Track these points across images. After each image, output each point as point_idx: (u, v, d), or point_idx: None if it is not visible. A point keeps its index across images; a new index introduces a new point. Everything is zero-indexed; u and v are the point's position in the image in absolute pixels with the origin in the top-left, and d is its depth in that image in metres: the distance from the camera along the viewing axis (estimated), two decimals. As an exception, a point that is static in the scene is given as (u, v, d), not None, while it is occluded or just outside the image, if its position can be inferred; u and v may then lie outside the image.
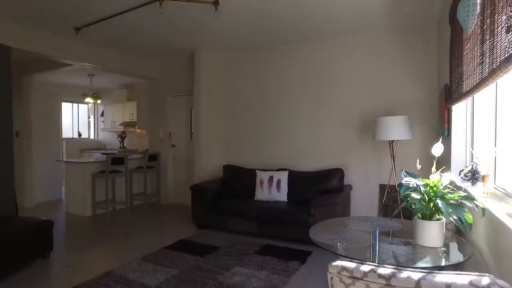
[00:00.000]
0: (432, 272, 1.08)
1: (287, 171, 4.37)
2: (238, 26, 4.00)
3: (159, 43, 4.75)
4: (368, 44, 4.20)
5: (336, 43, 4.40)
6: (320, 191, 4.08)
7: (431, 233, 1.81)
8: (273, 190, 4.24)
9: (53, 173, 6.48)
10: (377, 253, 1.92)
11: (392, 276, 1.07)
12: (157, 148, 6.17)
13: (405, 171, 1.96)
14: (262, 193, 4.29)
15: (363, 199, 4.25)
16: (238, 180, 4.68)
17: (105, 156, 5.66)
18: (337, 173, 4.14)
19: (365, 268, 1.12)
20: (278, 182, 4.25)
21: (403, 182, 1.88)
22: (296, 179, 4.30)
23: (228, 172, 4.84)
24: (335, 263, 1.18)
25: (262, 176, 4.37)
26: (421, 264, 1.70)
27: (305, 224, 3.53)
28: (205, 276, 2.86)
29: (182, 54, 5.40)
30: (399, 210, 2.21)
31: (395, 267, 1.13)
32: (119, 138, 8.17)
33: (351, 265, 1.15)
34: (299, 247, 3.61)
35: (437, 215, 1.82)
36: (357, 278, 1.11)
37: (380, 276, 1.09)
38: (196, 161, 5.23)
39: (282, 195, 4.20)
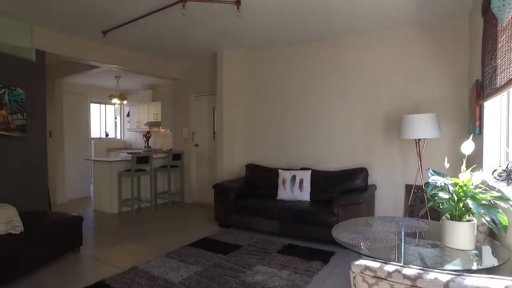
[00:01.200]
0: (462, 275, 1.03)
1: (310, 170, 4.32)
2: (260, 25, 4.00)
3: (182, 44, 4.83)
4: (393, 41, 4.08)
5: (360, 40, 4.30)
6: (343, 191, 4.01)
7: (461, 234, 1.73)
8: (296, 190, 4.20)
9: (82, 172, 6.75)
10: (402, 254, 1.86)
11: (418, 277, 1.03)
12: (180, 148, 6.28)
13: (432, 170, 1.88)
14: (285, 193, 4.26)
15: (388, 200, 4.14)
16: (260, 179, 4.68)
17: (131, 155, 5.82)
18: (361, 172, 4.06)
19: (390, 268, 1.08)
20: (301, 181, 4.21)
21: (430, 180, 1.80)
22: (319, 178, 4.25)
23: (251, 171, 4.85)
24: (357, 262, 1.15)
25: (285, 175, 4.35)
26: (449, 267, 1.63)
27: (328, 224, 3.48)
28: (227, 274, 2.88)
29: (204, 55, 5.46)
30: (425, 210, 2.13)
31: (422, 268, 1.09)
32: (144, 138, 8.38)
33: (374, 264, 1.12)
34: (322, 247, 3.57)
35: (467, 216, 1.74)
36: (381, 278, 1.08)
37: (406, 276, 1.05)
38: (218, 160, 5.28)
39: (304, 195, 4.16)
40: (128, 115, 9.21)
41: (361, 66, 4.31)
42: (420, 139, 3.52)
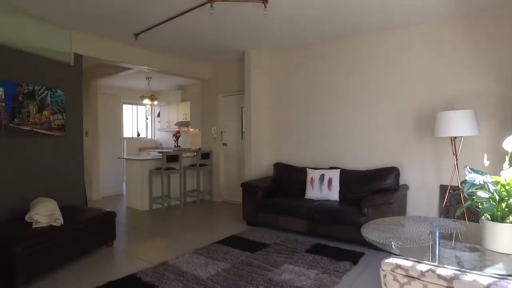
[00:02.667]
0: (507, 278, 0.96)
1: (339, 169, 4.24)
2: (288, 23, 3.98)
3: (210, 44, 4.90)
4: (426, 35, 3.92)
5: (388, 36, 4.17)
6: (373, 191, 3.90)
7: (504, 237, 1.62)
8: (324, 189, 4.14)
9: (115, 170, 7.02)
10: (437, 256, 1.78)
11: (455, 278, 0.98)
12: (209, 147, 6.37)
13: (469, 168, 1.79)
14: (313, 192, 4.21)
15: (421, 200, 3.98)
16: (288, 178, 4.65)
17: (161, 154, 5.98)
18: (392, 172, 3.93)
19: (423, 267, 1.04)
20: (329, 180, 4.14)
21: (467, 178, 1.71)
22: (348, 177, 4.16)
23: (279, 170, 4.84)
24: (388, 260, 1.11)
25: (313, 174, 4.29)
26: (491, 271, 1.53)
27: (357, 224, 3.39)
28: (254, 272, 2.88)
29: (232, 54, 5.51)
30: (462, 210, 2.02)
31: (458, 268, 1.03)
32: (174, 138, 8.58)
33: (406, 263, 1.07)
34: (351, 247, 3.49)
35: (511, 217, 1.63)
36: (413, 278, 1.03)
37: (441, 277, 1.00)
38: (246, 159, 5.31)
39: (333, 194, 4.09)
40: (158, 115, 9.47)
41: (391, 62, 4.17)
42: (456, 137, 3.35)
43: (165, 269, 2.97)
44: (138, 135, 9.58)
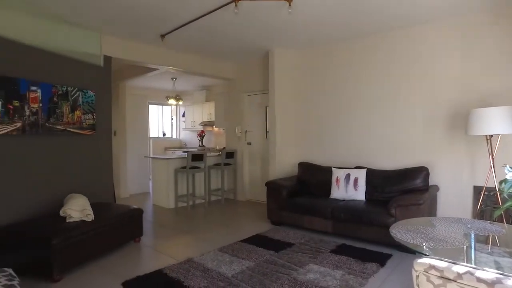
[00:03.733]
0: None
1: (365, 169, 4.14)
2: (313, 21, 3.93)
3: (234, 43, 4.92)
4: (458, 29, 3.75)
5: (417, 31, 4.02)
6: (401, 191, 3.79)
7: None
8: (350, 189, 4.06)
9: (142, 169, 7.20)
10: (472, 259, 1.69)
11: (497, 282, 0.92)
12: (233, 146, 6.41)
13: (510, 166, 1.69)
14: (338, 191, 4.14)
15: (452, 202, 3.81)
16: (313, 178, 4.60)
17: (186, 153, 6.07)
18: (421, 172, 3.79)
19: (460, 269, 0.98)
20: (355, 180, 4.06)
21: (507, 177, 1.62)
22: (375, 177, 4.06)
23: (303, 169, 4.79)
24: (421, 260, 1.06)
25: (338, 174, 4.22)
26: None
27: (385, 224, 3.32)
28: (279, 271, 2.86)
29: (256, 54, 5.51)
30: (501, 211, 1.91)
31: (501, 272, 0.97)
32: (199, 137, 8.70)
33: (441, 263, 1.02)
34: (378, 249, 3.40)
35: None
36: (449, 280, 0.99)
37: (480, 280, 0.94)
38: (271, 159, 5.29)
39: (359, 194, 4.00)
40: (183, 115, 9.63)
41: (419, 59, 4.03)
42: (492, 135, 3.19)
43: (191, 265, 3.01)
44: (164, 134, 9.79)
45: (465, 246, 1.81)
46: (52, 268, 2.68)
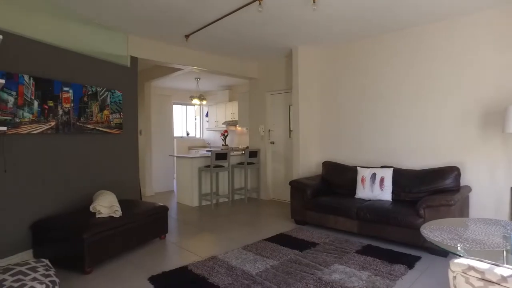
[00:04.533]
0: None
1: (392, 168, 4.03)
2: (338, 17, 3.86)
3: (258, 42, 4.92)
4: (491, 23, 3.57)
5: (446, 26, 3.87)
6: (429, 191, 3.66)
7: None
8: (376, 188, 3.96)
9: (167, 167, 7.34)
10: (512, 262, 1.60)
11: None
12: (257, 145, 6.41)
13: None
14: (364, 191, 4.05)
15: (487, 203, 3.64)
16: (337, 177, 4.52)
17: (210, 152, 6.13)
18: (451, 171, 3.64)
19: (504, 271, 0.93)
20: (381, 179, 3.96)
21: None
22: (402, 177, 3.94)
23: (327, 168, 4.72)
24: (458, 261, 1.01)
25: (364, 173, 4.13)
26: None
27: (413, 226, 3.22)
28: (304, 270, 2.83)
29: (280, 52, 5.49)
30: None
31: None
32: (222, 136, 8.77)
33: (481, 265, 0.97)
34: (405, 250, 3.30)
35: None
36: (492, 282, 0.93)
37: (525, 282, 0.88)
38: (294, 158, 5.25)
39: (385, 194, 3.90)
40: (207, 115, 9.74)
41: (450, 54, 3.87)
42: (529, 133, 3.02)
43: (215, 263, 3.03)
44: (188, 134, 9.94)
45: (505, 249, 1.71)
46: (83, 261, 2.79)
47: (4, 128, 2.34)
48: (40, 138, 3.32)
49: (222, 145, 8.79)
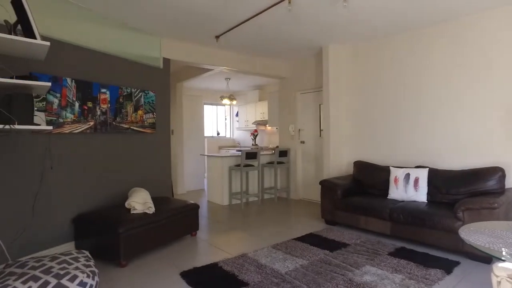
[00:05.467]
0: None
1: (427, 168, 3.86)
2: (370, 13, 3.76)
3: (287, 41, 4.90)
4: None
5: (486, 17, 3.64)
6: (469, 193, 3.47)
7: None
8: (410, 189, 3.82)
9: (197, 166, 7.50)
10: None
11: None
12: (287, 145, 6.39)
13: None
14: (397, 192, 3.92)
15: (534, 207, 3.39)
16: (369, 177, 4.41)
17: (240, 152, 6.19)
18: (495, 172, 3.43)
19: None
20: (416, 180, 3.80)
21: None
22: (438, 178, 3.77)
23: (359, 168, 4.62)
24: (503, 265, 0.95)
25: (397, 173, 3.99)
26: None
27: (450, 229, 3.08)
28: (334, 271, 2.79)
29: (310, 51, 5.44)
30: None
31: None
32: (252, 136, 8.82)
33: (527, 269, 0.91)
34: (442, 254, 3.15)
35: None
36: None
37: None
38: (325, 157, 5.18)
39: (420, 195, 3.75)
40: (237, 115, 9.84)
41: (500, 46, 3.63)
42: None
43: (244, 260, 3.05)
44: (218, 134, 10.09)
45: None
46: (119, 254, 2.92)
47: (50, 128, 2.50)
48: (81, 137, 3.51)
49: (252, 144, 8.84)
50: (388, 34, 4.54)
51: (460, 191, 3.57)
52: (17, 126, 2.09)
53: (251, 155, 5.67)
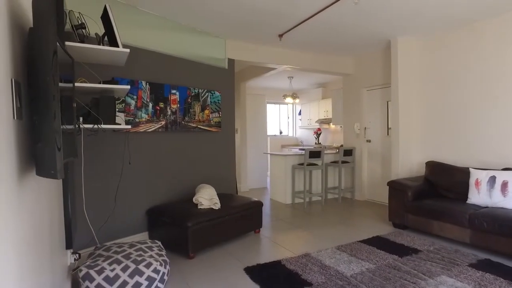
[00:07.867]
0: None
1: (517, 171, 3.41)
2: (439, 2, 3.44)
3: (352, 37, 4.72)
4: None
5: None
6: None
7: None
8: (496, 194, 3.41)
9: (260, 165, 7.61)
10: None
11: None
12: (351, 144, 6.17)
13: None
14: (479, 196, 3.53)
15: None
16: (444, 179, 4.04)
17: (303, 150, 6.13)
18: None
19: None
20: (504, 184, 3.38)
21: None
22: (532, 181, 3.30)
23: (432, 169, 4.26)
24: None
25: (479, 176, 3.59)
26: None
27: (549, 240, 2.66)
28: (404, 278, 2.61)
29: (376, 45, 5.17)
30: None
31: None
32: (315, 135, 8.68)
33: None
34: (538, 270, 2.75)
35: None
36: None
37: None
38: (393, 157, 4.88)
39: (508, 201, 3.32)
40: (299, 113, 9.77)
41: None
42: None
43: (308, 260, 3.02)
44: (281, 132, 10.12)
45: None
46: (187, 246, 3.10)
47: (129, 127, 2.80)
48: (154, 136, 3.80)
49: (315, 143, 8.70)
50: (462, 24, 4.10)
51: (560, 197, 3.09)
52: (103, 126, 2.36)
53: (315, 154, 5.58)
